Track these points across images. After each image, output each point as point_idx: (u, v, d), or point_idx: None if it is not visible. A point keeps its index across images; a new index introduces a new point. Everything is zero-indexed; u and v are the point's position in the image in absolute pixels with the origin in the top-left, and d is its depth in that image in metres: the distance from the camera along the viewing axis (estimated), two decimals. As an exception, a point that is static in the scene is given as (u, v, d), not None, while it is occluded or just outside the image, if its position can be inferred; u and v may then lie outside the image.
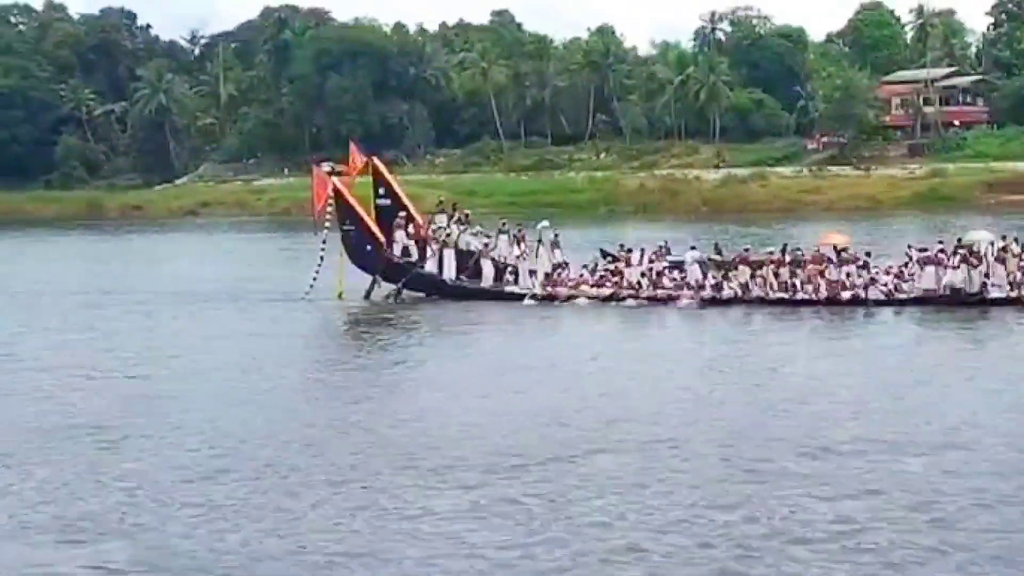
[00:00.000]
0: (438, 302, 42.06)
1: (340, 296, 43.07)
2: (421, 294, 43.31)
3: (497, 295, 42.13)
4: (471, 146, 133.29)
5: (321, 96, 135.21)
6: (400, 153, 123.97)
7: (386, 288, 43.53)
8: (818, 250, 40.74)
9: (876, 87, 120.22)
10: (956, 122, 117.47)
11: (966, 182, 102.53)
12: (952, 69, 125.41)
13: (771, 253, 40.63)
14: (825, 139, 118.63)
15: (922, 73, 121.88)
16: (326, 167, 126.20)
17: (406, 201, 46.20)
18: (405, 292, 43.29)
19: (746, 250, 42.00)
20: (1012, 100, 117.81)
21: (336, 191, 43.85)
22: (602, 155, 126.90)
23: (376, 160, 47.62)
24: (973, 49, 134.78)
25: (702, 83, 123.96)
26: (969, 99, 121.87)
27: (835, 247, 40.82)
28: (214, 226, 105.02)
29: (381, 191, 45.85)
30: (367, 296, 43.10)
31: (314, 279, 43.07)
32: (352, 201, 44.15)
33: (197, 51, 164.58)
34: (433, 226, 44.86)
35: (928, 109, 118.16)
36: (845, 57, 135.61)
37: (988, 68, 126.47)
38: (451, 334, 36.00)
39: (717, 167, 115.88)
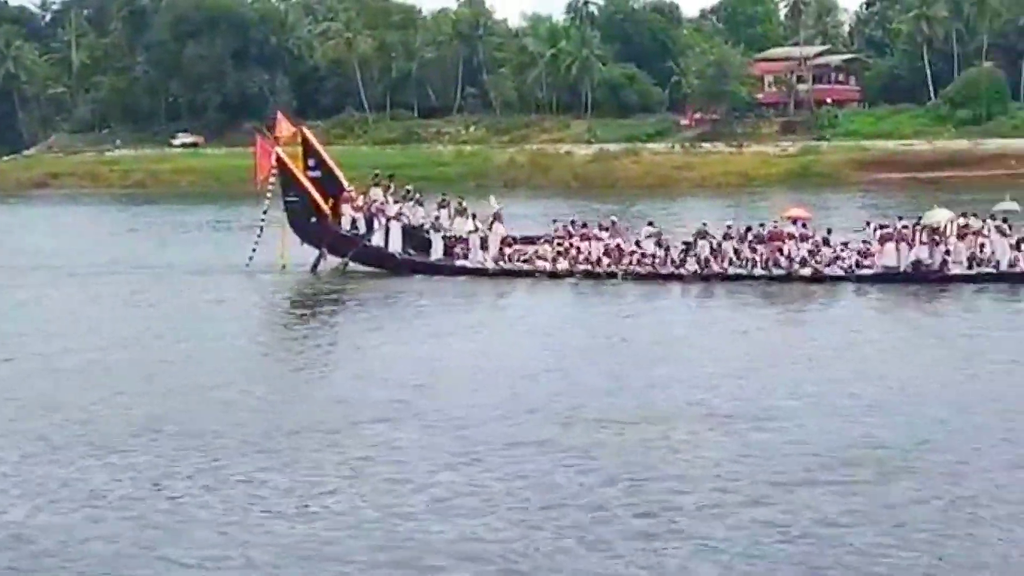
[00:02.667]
0: (386, 276, 40.77)
1: (283, 268, 41.88)
2: (368, 268, 41.88)
3: (447, 269, 41.00)
4: (335, 117, 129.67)
5: (178, 64, 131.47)
6: (261, 124, 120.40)
7: (332, 261, 42.31)
8: (776, 225, 40.41)
9: (749, 64, 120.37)
10: (829, 100, 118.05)
11: (838, 160, 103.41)
12: (825, 47, 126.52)
13: (729, 227, 40.19)
14: (698, 115, 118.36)
15: (795, 51, 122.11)
16: (180, 139, 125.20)
17: (337, 172, 44.84)
18: (352, 265, 42.00)
19: (704, 225, 41.26)
20: (884, 79, 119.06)
21: (280, 161, 42.48)
22: (470, 128, 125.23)
23: (305, 130, 46.11)
24: (846, 28, 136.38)
25: (574, 57, 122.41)
26: (842, 77, 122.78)
27: (795, 221, 40.45)
28: (67, 198, 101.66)
29: (311, 162, 44.32)
30: (313, 269, 42.04)
31: (253, 250, 42.13)
32: (296, 172, 42.82)
33: (48, 17, 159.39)
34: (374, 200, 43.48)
35: (801, 87, 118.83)
36: (719, 33, 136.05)
37: (861, 47, 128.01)
38: (397, 308, 35.08)
39: (589, 142, 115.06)
